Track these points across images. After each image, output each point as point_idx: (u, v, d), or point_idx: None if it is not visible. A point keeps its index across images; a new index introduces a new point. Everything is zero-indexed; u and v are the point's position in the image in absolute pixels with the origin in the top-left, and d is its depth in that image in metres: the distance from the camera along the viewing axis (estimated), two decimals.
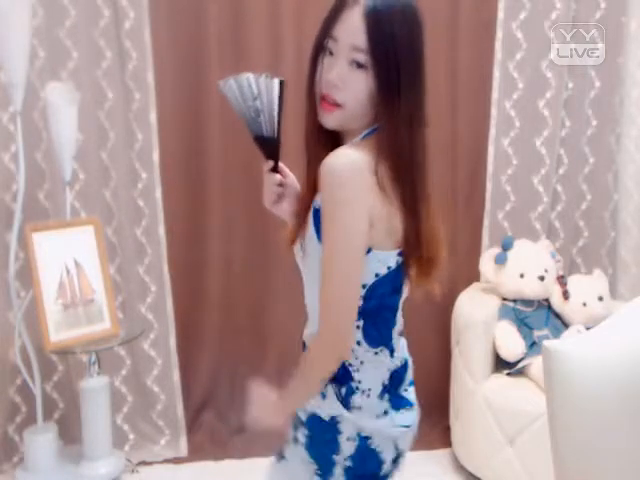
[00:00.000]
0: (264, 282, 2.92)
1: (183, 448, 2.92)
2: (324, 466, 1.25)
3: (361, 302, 1.20)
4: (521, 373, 2.60)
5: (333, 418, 1.24)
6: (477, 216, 3.03)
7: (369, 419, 1.24)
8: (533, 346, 2.59)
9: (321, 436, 1.25)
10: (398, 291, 1.25)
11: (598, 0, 2.91)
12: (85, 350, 2.53)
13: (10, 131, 2.62)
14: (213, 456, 2.89)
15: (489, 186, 2.99)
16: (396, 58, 1.16)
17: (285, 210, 1.38)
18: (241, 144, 2.80)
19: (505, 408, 2.46)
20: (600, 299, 2.70)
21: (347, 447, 1.23)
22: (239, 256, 2.99)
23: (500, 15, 2.88)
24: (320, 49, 1.22)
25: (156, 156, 2.80)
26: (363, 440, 1.23)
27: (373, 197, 1.15)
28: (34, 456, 2.54)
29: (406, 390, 1.31)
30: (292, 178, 1.39)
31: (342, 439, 1.23)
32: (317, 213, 1.20)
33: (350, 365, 1.24)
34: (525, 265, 2.70)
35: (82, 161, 2.71)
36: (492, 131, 2.95)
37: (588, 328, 2.28)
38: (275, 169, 1.35)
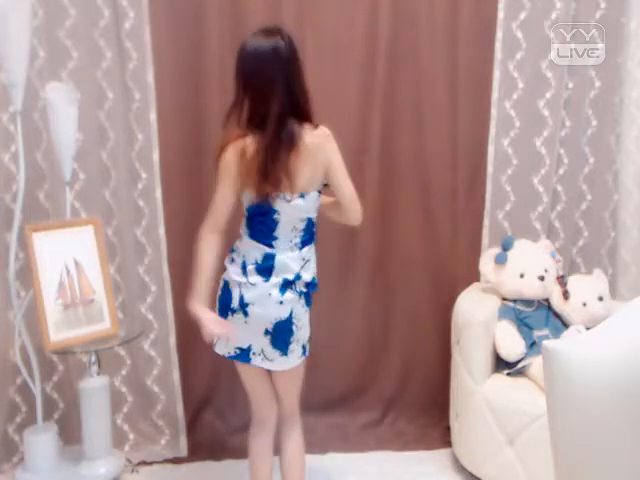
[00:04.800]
0: None
1: (183, 448, 2.93)
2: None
3: (246, 214, 2.07)
4: (521, 373, 2.60)
5: (225, 272, 2.09)
6: (477, 216, 3.03)
7: (232, 273, 2.06)
8: (533, 346, 2.59)
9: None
10: (263, 214, 2.02)
11: (598, 0, 2.91)
12: (85, 350, 2.53)
13: (10, 131, 2.63)
14: (213, 456, 2.89)
15: (489, 186, 2.99)
16: None
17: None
18: None
19: (505, 408, 2.46)
20: (600, 299, 2.70)
21: (220, 287, 2.09)
22: None
23: (500, 15, 2.88)
24: None
25: (156, 156, 2.80)
26: (225, 283, 2.07)
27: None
28: (34, 456, 2.55)
29: (269, 276, 2.02)
30: None
31: (221, 283, 2.09)
32: None
33: (240, 241, 2.09)
34: (525, 265, 2.70)
35: (82, 161, 2.71)
36: (492, 131, 2.95)
37: (588, 328, 2.28)
38: None
